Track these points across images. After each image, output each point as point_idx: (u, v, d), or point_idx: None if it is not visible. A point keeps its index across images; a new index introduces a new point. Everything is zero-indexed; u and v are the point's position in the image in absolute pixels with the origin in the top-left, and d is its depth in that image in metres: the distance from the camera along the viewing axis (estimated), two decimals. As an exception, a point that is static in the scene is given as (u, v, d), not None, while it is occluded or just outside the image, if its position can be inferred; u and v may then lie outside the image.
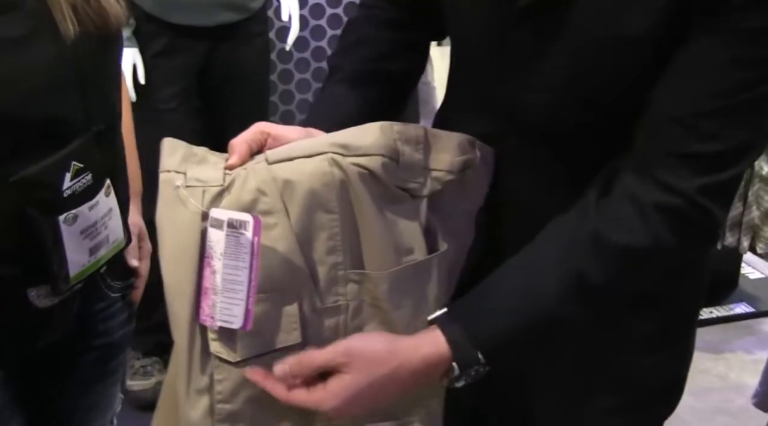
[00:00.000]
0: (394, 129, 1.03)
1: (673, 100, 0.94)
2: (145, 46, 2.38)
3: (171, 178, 0.99)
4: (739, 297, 3.31)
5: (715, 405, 2.75)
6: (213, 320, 0.97)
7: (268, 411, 1.01)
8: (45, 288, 1.15)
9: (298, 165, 0.99)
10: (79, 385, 1.34)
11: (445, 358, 0.98)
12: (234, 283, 0.96)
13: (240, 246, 0.94)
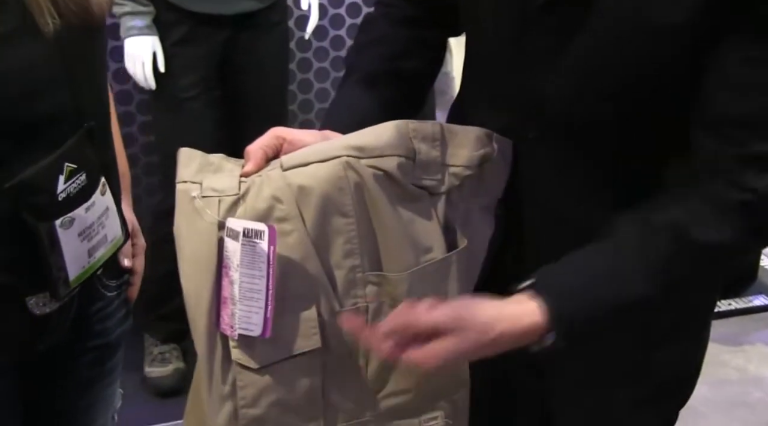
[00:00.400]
0: (409, 127, 1.03)
1: (732, 100, 0.94)
2: (165, 34, 2.37)
3: (187, 188, 0.99)
4: (758, 289, 3.29)
5: (733, 397, 2.74)
6: (233, 329, 0.98)
7: (292, 413, 1.03)
8: (44, 295, 1.14)
9: (313, 170, 0.99)
10: (78, 386, 1.33)
11: (542, 330, 0.98)
12: (252, 292, 0.96)
13: (256, 255, 0.94)
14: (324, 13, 2.80)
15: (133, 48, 2.35)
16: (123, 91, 2.73)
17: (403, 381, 1.06)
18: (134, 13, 2.33)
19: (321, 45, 2.88)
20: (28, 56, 1.04)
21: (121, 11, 2.33)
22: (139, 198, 2.86)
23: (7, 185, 1.03)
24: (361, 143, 1.00)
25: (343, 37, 2.87)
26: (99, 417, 1.39)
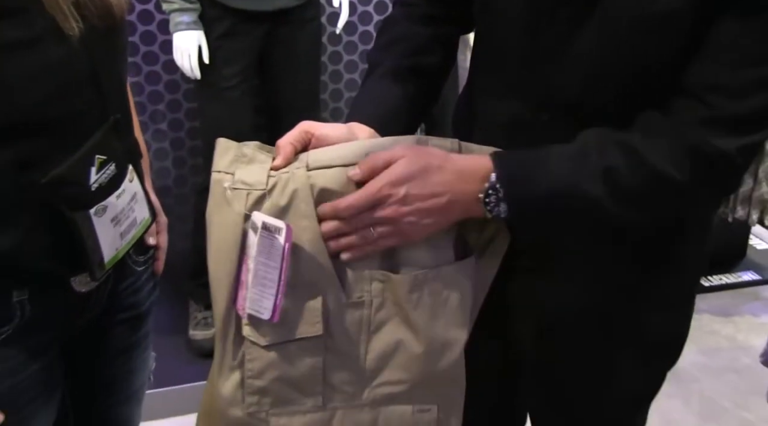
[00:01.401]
0: (429, 143, 1.03)
1: (712, 69, 0.93)
2: (210, 29, 2.36)
3: (221, 178, 0.99)
4: (747, 266, 3.31)
5: (724, 363, 2.74)
6: (244, 310, 0.98)
7: (293, 389, 1.03)
8: (84, 276, 1.14)
9: (336, 174, 0.98)
10: (116, 354, 1.32)
11: (487, 166, 0.98)
12: (265, 280, 0.96)
13: (273, 248, 0.94)
14: (353, 10, 2.80)
15: (180, 41, 2.34)
16: (171, 81, 2.73)
17: (398, 372, 1.05)
18: (182, 10, 2.32)
19: (350, 39, 2.88)
20: (56, 58, 1.01)
21: (171, 8, 2.33)
22: (185, 178, 2.86)
23: (44, 180, 1.02)
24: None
25: (370, 32, 2.87)
26: (137, 380, 1.39)
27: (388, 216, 0.97)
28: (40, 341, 1.13)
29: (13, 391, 1.11)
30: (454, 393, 1.09)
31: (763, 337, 2.57)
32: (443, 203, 0.97)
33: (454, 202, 0.98)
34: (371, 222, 0.97)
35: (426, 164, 0.97)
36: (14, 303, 1.08)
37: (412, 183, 0.96)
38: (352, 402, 1.05)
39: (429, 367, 1.05)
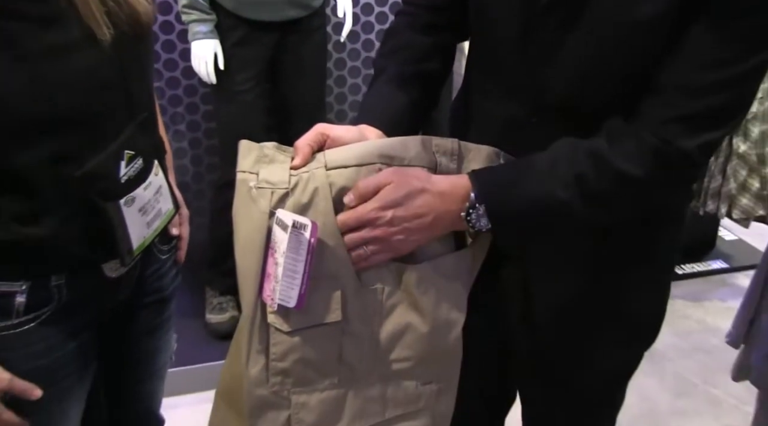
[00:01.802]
0: (433, 142, 1.04)
1: (679, 69, 0.93)
2: (225, 37, 2.36)
3: (246, 178, 0.99)
4: (716, 255, 3.31)
5: (694, 344, 2.75)
6: (273, 301, 0.99)
7: (312, 370, 1.04)
8: (114, 262, 1.15)
9: (352, 173, 0.99)
10: (142, 335, 1.33)
11: (467, 187, 1.00)
12: (293, 272, 0.96)
13: (300, 243, 0.95)
14: (356, 20, 2.79)
15: (198, 49, 2.34)
16: (189, 85, 2.72)
17: (405, 351, 1.06)
18: (199, 20, 2.32)
19: (354, 47, 2.86)
20: (90, 61, 1.03)
21: (189, 19, 2.33)
22: (202, 175, 2.86)
23: (78, 173, 1.03)
24: (392, 153, 1.01)
25: (372, 40, 2.86)
26: (160, 359, 1.40)
27: (377, 236, 0.99)
28: (75, 322, 1.15)
29: (53, 367, 1.13)
30: (452, 368, 1.10)
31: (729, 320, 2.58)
32: (428, 222, 1.00)
33: (438, 219, 1.00)
34: (363, 242, 0.99)
35: (410, 189, 0.99)
36: (52, 287, 1.10)
37: (398, 207, 0.98)
38: (364, 379, 1.06)
39: (432, 345, 1.06)
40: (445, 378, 1.11)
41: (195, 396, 2.39)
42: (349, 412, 1.06)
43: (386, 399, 1.08)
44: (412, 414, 1.11)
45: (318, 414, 1.05)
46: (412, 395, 1.10)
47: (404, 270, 1.03)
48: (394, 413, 1.09)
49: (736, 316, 1.75)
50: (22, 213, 1.03)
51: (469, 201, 0.99)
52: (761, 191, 2.65)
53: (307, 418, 1.05)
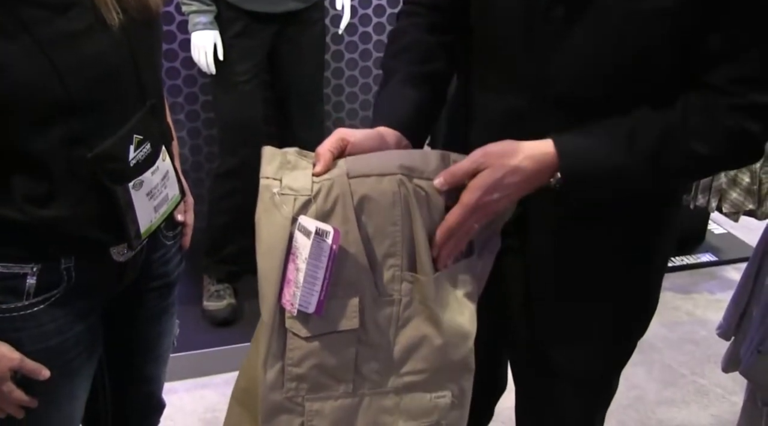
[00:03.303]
0: (451, 158, 1.04)
1: (739, 65, 0.96)
2: (224, 29, 2.36)
3: (269, 184, 0.99)
4: (706, 248, 3.32)
5: (683, 336, 2.77)
6: (293, 306, 0.98)
7: (327, 376, 1.04)
8: (123, 246, 1.16)
9: (374, 183, 1.00)
10: (146, 318, 1.34)
11: (555, 161, 1.01)
12: (313, 278, 0.96)
13: (321, 250, 0.95)
14: (354, 12, 2.78)
15: (198, 40, 2.34)
16: (189, 76, 2.72)
17: (420, 363, 1.06)
18: (199, 11, 2.32)
19: (351, 39, 2.86)
20: (101, 46, 1.04)
21: (189, 9, 2.33)
22: (201, 164, 2.87)
23: (90, 155, 1.04)
24: (413, 165, 1.01)
25: (370, 32, 2.86)
26: (164, 342, 1.41)
27: (487, 213, 1.02)
28: (83, 305, 1.16)
29: (62, 347, 1.14)
30: (466, 379, 1.10)
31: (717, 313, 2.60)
32: (521, 191, 1.02)
33: (529, 188, 1.02)
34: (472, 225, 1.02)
35: (505, 171, 0.99)
36: (62, 269, 1.11)
37: (501, 187, 1.00)
38: (378, 389, 1.06)
39: (447, 357, 1.06)
40: (459, 390, 1.10)
41: (192, 381, 2.41)
42: (362, 421, 1.06)
43: (399, 410, 1.08)
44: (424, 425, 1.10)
45: (331, 422, 1.05)
46: (426, 407, 1.09)
47: (421, 280, 1.03)
48: (406, 424, 1.09)
49: (727, 308, 1.77)
50: (35, 194, 1.04)
51: (555, 178, 1.02)
52: (751, 186, 2.67)
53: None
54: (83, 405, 1.26)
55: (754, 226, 2.98)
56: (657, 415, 2.37)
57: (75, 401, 1.22)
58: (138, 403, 1.45)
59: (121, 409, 1.42)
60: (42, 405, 1.15)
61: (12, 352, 1.08)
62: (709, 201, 2.75)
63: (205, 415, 2.30)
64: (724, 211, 2.76)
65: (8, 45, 0.96)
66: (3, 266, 1.07)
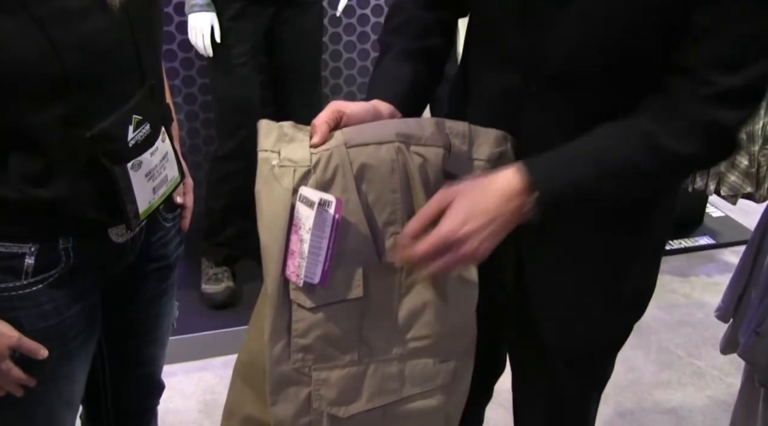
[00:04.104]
0: (446, 125, 1.05)
1: (714, 45, 0.94)
2: (221, 11, 2.35)
3: (268, 157, 0.99)
4: (704, 231, 3.32)
5: (680, 318, 2.77)
6: (298, 278, 0.99)
7: (333, 346, 1.04)
8: (120, 227, 1.16)
9: (372, 151, 1.00)
10: (146, 300, 1.34)
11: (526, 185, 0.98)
12: (317, 249, 0.97)
13: (325, 220, 0.95)
14: (352, -5, 2.76)
15: (195, 22, 2.33)
16: (186, 58, 2.71)
17: (424, 329, 1.07)
18: (196, -7, 2.30)
19: (349, 21, 2.85)
20: (100, 24, 1.03)
21: (186, -10, 2.31)
22: (198, 147, 2.86)
23: (89, 134, 1.04)
24: (409, 132, 1.02)
25: (368, 15, 2.85)
26: (163, 324, 1.41)
27: (464, 254, 0.97)
28: (82, 285, 1.16)
29: (61, 327, 1.15)
30: (468, 346, 1.11)
31: (715, 295, 2.61)
32: (500, 222, 0.98)
33: (508, 218, 0.99)
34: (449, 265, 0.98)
35: (475, 202, 0.98)
36: (60, 249, 1.11)
37: (471, 221, 0.97)
38: (383, 357, 1.07)
39: (450, 323, 1.07)
40: (462, 356, 1.11)
41: (190, 364, 2.42)
42: (368, 389, 1.07)
43: (404, 377, 1.09)
44: (429, 392, 1.12)
45: (338, 391, 1.06)
46: (430, 373, 1.10)
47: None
48: (412, 391, 1.10)
49: (726, 291, 1.77)
50: (33, 174, 1.04)
51: (531, 198, 0.98)
52: (749, 168, 2.67)
53: (328, 395, 1.06)
54: (83, 385, 1.27)
55: (752, 209, 2.99)
56: (653, 396, 2.38)
57: (74, 381, 1.23)
58: (137, 384, 1.45)
59: (121, 390, 1.43)
60: (41, 384, 1.15)
61: (11, 331, 1.09)
62: (708, 184, 2.75)
63: (204, 397, 2.30)
64: (723, 194, 2.76)
65: (5, 21, 0.95)
66: (1, 245, 1.07)
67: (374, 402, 1.08)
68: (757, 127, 2.63)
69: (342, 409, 1.07)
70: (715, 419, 2.29)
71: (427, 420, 1.13)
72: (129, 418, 1.49)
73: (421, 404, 1.11)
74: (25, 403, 1.16)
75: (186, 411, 2.25)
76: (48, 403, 1.20)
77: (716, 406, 2.35)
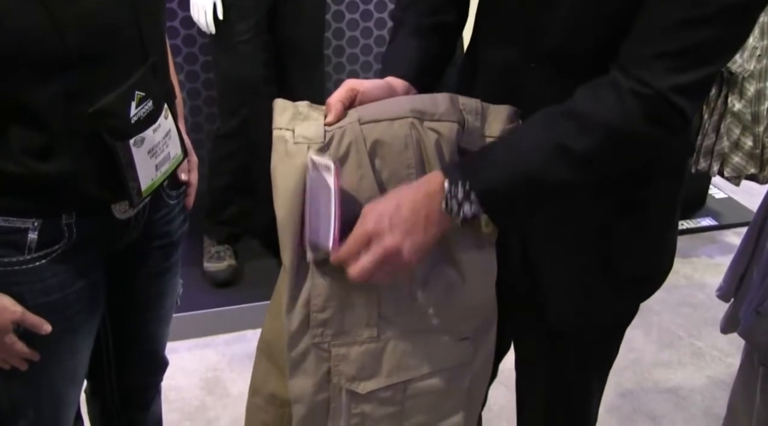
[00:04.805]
0: (459, 101, 1.05)
1: (658, 9, 0.91)
2: (224, -13, 2.33)
3: (282, 134, 1.01)
4: (706, 213, 3.32)
5: (681, 298, 2.79)
6: (311, 243, 1.00)
7: (352, 321, 1.05)
8: (123, 203, 1.16)
9: (385, 127, 1.01)
10: (149, 277, 1.35)
11: (438, 178, 0.98)
12: (326, 215, 0.97)
13: (327, 187, 0.96)
14: (356, -28, 2.75)
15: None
16: (188, 36, 2.70)
17: (442, 306, 1.07)
18: (198, -30, 2.28)
19: (352, 0, 2.83)
20: (101, 1, 1.02)
21: (187, -33, 2.30)
22: (201, 125, 2.86)
23: (91, 110, 1.04)
24: (423, 108, 1.02)
25: (371, -8, 2.83)
26: (167, 302, 1.41)
27: (387, 248, 0.97)
28: (85, 260, 1.17)
29: (64, 302, 1.15)
30: (489, 326, 1.11)
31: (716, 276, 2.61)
32: (422, 223, 0.98)
33: (429, 217, 0.98)
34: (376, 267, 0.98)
35: (392, 200, 0.98)
36: (63, 225, 1.11)
37: (391, 215, 0.97)
38: (401, 333, 1.07)
39: (468, 300, 1.07)
40: (482, 334, 1.11)
41: (193, 341, 2.43)
42: (387, 365, 1.08)
43: (422, 354, 1.09)
44: (449, 370, 1.12)
45: (357, 367, 1.06)
46: (449, 351, 1.10)
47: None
48: (431, 368, 1.10)
49: (728, 270, 1.77)
50: (34, 148, 1.04)
51: (444, 189, 0.98)
52: (753, 150, 2.66)
53: (347, 371, 1.06)
54: (86, 360, 1.27)
55: (755, 190, 2.99)
56: (653, 376, 2.39)
57: (77, 356, 1.23)
58: (141, 360, 1.46)
59: (125, 366, 1.44)
60: (44, 359, 1.16)
61: (14, 305, 1.09)
62: (711, 165, 2.74)
63: (206, 375, 2.32)
64: (726, 175, 2.75)
65: None
66: (4, 220, 1.07)
67: (392, 378, 1.09)
68: (763, 108, 2.62)
69: (361, 385, 1.08)
70: (714, 399, 2.30)
71: (448, 398, 1.13)
72: (133, 393, 1.50)
73: (440, 382, 1.11)
74: (30, 376, 1.17)
75: (188, 388, 2.26)
76: (52, 377, 1.20)
77: (715, 385, 2.36)
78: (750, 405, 1.60)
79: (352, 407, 1.09)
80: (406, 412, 1.12)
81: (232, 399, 2.21)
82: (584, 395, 1.33)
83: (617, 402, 2.26)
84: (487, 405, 1.50)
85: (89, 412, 1.56)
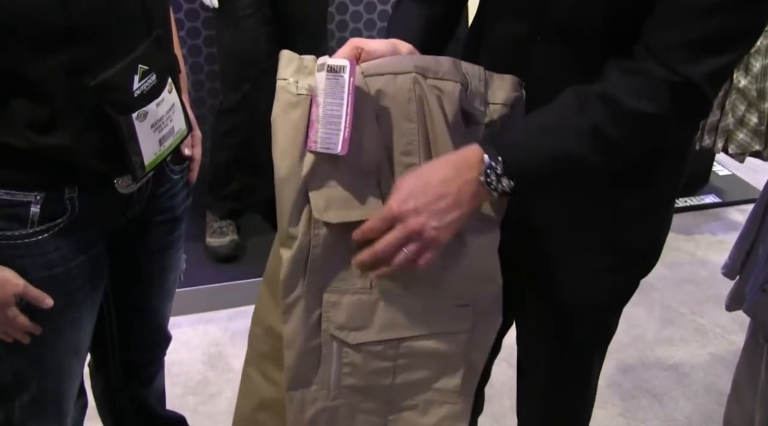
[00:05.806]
0: (463, 64, 1.04)
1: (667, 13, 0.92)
2: (227, -40, 2.30)
3: (286, 85, 1.00)
4: (709, 190, 3.31)
5: (683, 276, 2.78)
6: (316, 145, 0.99)
7: (345, 267, 1.05)
8: (127, 177, 1.16)
9: (388, 80, 1.00)
10: (152, 252, 1.34)
11: (477, 153, 0.97)
12: (333, 117, 0.97)
13: (338, 86, 0.96)
14: (359, -54, 2.72)
15: (199, -28, 2.30)
16: (191, 10, 2.68)
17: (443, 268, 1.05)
18: (200, -58, 2.27)
19: (356, -26, 2.81)
20: None
21: (190, -60, 2.27)
22: (203, 100, 2.84)
23: (93, 83, 1.03)
24: (426, 65, 1.01)
25: (374, -33, 2.81)
26: (170, 276, 1.41)
27: (411, 229, 0.96)
28: (88, 235, 1.16)
29: (67, 276, 1.15)
30: (491, 296, 1.10)
31: (719, 254, 2.61)
32: (452, 200, 0.97)
33: (461, 193, 0.97)
34: (398, 243, 0.97)
35: (421, 177, 0.98)
36: (66, 199, 1.11)
37: (417, 196, 0.96)
38: (397, 291, 1.06)
39: (467, 264, 1.06)
40: (484, 304, 1.10)
41: (195, 316, 2.43)
42: (379, 321, 1.07)
43: (418, 313, 1.08)
44: (447, 335, 1.11)
45: (347, 316, 1.06)
46: (445, 315, 1.09)
47: None
48: (426, 330, 1.09)
49: (733, 247, 1.76)
50: (37, 121, 1.03)
51: (484, 163, 0.97)
52: (759, 126, 2.65)
53: (336, 318, 1.06)
54: (89, 334, 1.27)
55: (759, 167, 2.97)
56: (656, 353, 2.40)
57: (80, 330, 1.23)
58: (144, 335, 1.46)
59: (128, 340, 1.44)
60: (47, 332, 1.16)
61: (17, 278, 1.09)
62: (716, 142, 2.73)
63: (209, 349, 2.32)
64: (730, 151, 2.73)
65: None
66: (6, 193, 1.07)
67: (384, 334, 1.08)
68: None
69: (350, 335, 1.07)
70: (716, 375, 2.30)
71: (444, 363, 1.13)
72: (136, 368, 1.50)
73: (435, 345, 1.10)
74: (33, 350, 1.17)
75: (191, 363, 2.27)
76: (55, 350, 1.20)
77: (718, 362, 2.36)
78: (755, 382, 1.59)
79: (342, 356, 1.08)
80: (399, 369, 1.11)
81: (235, 373, 2.22)
82: (584, 371, 1.34)
83: (619, 378, 2.27)
84: (489, 381, 1.50)
85: (92, 386, 1.56)
